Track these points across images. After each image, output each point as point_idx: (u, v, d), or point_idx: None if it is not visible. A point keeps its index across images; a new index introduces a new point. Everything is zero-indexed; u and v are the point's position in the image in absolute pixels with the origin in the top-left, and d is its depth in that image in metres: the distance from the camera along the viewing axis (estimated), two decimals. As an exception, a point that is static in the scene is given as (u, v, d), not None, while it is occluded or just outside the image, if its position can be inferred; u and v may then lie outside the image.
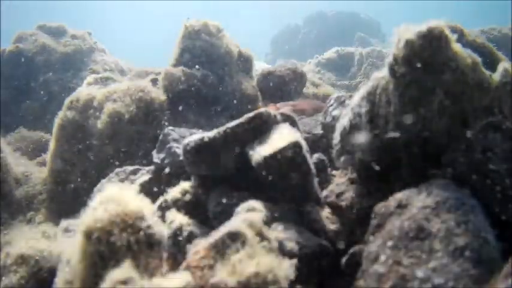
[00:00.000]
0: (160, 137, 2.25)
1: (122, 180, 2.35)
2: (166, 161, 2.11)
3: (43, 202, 3.03)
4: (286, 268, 1.17)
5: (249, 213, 1.38)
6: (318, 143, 2.21)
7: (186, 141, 1.80)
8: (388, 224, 1.26)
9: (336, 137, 1.72)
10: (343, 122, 1.68)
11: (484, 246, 1.11)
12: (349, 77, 7.83)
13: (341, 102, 2.19)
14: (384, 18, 19.58)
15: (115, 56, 7.02)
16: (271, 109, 1.83)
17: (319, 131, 2.29)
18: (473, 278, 1.04)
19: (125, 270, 1.17)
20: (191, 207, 1.76)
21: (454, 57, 1.39)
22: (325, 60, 8.40)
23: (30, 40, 6.10)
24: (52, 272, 1.95)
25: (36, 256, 2.26)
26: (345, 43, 10.64)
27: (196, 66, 3.46)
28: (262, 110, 1.77)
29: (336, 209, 1.68)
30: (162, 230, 1.49)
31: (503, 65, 1.49)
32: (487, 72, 1.46)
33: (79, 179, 3.00)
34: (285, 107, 2.87)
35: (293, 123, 1.95)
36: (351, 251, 1.44)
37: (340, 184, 1.75)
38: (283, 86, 3.65)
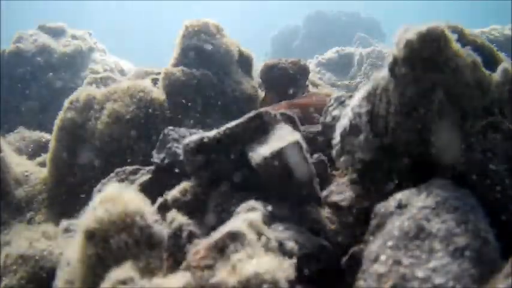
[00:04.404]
0: (160, 137, 2.25)
1: (121, 180, 2.35)
2: (166, 161, 2.11)
3: (43, 202, 3.03)
4: (286, 268, 1.17)
5: (249, 213, 1.38)
6: (315, 141, 2.21)
7: (186, 141, 1.80)
8: (388, 224, 1.26)
9: (336, 137, 1.72)
10: (343, 122, 1.68)
11: (484, 246, 1.11)
12: (349, 77, 7.83)
13: (341, 102, 2.19)
14: (384, 18, 19.58)
15: (115, 57, 7.02)
16: (272, 109, 1.83)
17: (316, 129, 2.29)
18: (473, 278, 1.04)
19: (125, 270, 1.17)
20: (191, 207, 1.76)
21: (454, 57, 1.39)
22: (325, 60, 8.40)
23: (30, 40, 6.10)
24: (52, 272, 1.95)
25: (36, 256, 2.25)
26: (345, 43, 10.63)
27: (196, 66, 3.45)
28: (262, 110, 1.77)
29: (336, 209, 1.68)
30: (162, 230, 1.49)
31: (503, 65, 1.49)
32: (487, 72, 1.46)
33: (79, 179, 3.00)
34: (289, 107, 2.85)
35: (293, 123, 1.95)
36: (351, 251, 1.44)
37: (340, 184, 1.75)
38: (286, 79, 3.64)
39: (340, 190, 1.72)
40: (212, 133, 1.75)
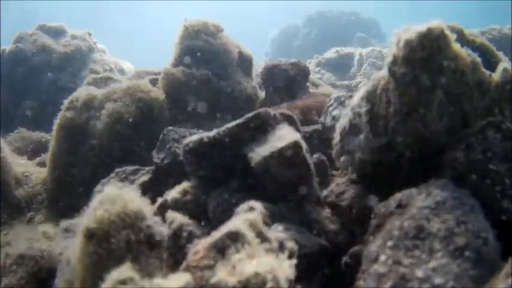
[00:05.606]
0: (160, 137, 2.25)
1: (121, 180, 2.35)
2: (166, 161, 2.11)
3: (43, 202, 3.03)
4: (286, 268, 1.17)
5: (249, 213, 1.38)
6: (315, 141, 2.21)
7: (186, 141, 1.81)
8: (388, 224, 1.26)
9: (336, 137, 1.72)
10: (343, 122, 1.68)
11: (484, 246, 1.11)
12: (349, 77, 7.84)
13: (341, 102, 2.19)
14: (384, 18, 19.58)
15: (115, 57, 7.02)
16: (272, 110, 1.83)
17: (315, 129, 2.30)
18: (473, 278, 1.04)
19: (125, 270, 1.17)
20: (191, 207, 1.76)
21: (454, 57, 1.39)
22: (325, 60, 8.41)
23: (30, 40, 6.10)
24: (52, 272, 1.95)
25: (36, 256, 2.26)
26: (345, 43, 10.64)
27: (196, 66, 3.46)
28: (261, 110, 1.77)
29: (336, 209, 1.68)
30: (162, 230, 1.49)
31: (503, 65, 1.49)
32: (487, 72, 1.46)
33: (79, 179, 3.00)
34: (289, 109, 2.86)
35: (293, 124, 1.95)
36: (351, 251, 1.44)
37: (340, 184, 1.75)
38: (287, 80, 3.65)
39: (340, 190, 1.72)
40: (212, 133, 1.75)
